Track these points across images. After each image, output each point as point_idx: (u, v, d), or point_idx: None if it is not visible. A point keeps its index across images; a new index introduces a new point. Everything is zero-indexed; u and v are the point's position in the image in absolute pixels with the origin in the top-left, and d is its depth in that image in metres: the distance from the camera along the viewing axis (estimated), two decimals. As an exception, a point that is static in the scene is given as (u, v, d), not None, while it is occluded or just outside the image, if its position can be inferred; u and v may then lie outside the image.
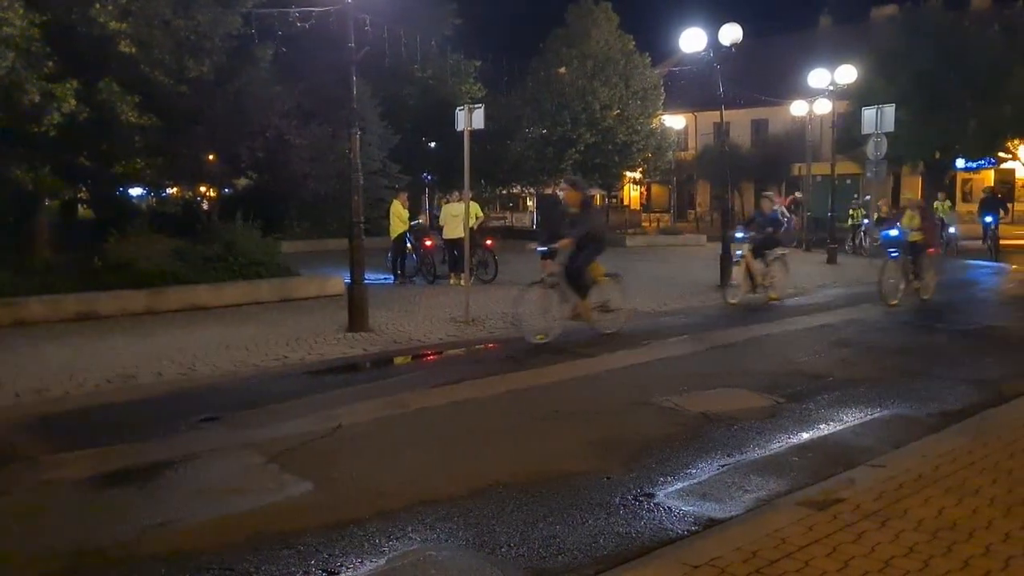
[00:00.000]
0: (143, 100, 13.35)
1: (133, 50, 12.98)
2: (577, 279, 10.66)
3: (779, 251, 14.61)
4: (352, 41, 10.77)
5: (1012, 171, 40.74)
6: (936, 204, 24.30)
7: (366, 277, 11.42)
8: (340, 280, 14.20)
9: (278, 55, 16.92)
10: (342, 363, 9.44)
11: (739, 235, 15.49)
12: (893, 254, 14.13)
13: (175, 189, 26.27)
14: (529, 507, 4.94)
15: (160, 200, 26.22)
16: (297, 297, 14.19)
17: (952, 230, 24.42)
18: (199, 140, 15.72)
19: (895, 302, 13.32)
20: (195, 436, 6.51)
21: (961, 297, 15.24)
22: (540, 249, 11.26)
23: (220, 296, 13.33)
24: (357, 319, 11.13)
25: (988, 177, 42.71)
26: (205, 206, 28.10)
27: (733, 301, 13.83)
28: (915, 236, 13.93)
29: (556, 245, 10.56)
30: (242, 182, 27.19)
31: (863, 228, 25.06)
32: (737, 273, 14.11)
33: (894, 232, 14.72)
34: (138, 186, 23.69)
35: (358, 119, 11.59)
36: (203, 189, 30.84)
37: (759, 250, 14.10)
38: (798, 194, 30.78)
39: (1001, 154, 37.65)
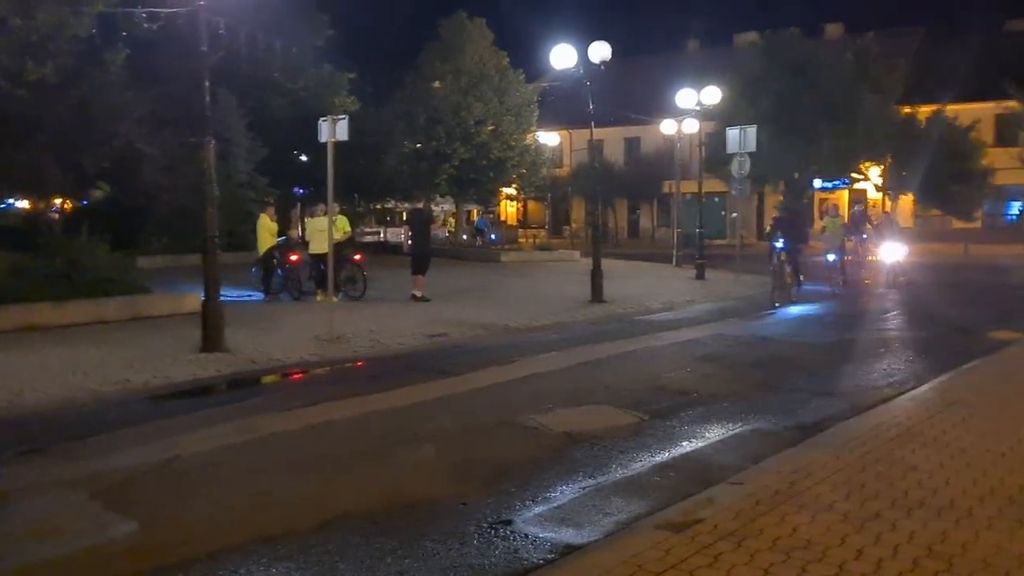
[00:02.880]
0: (-30, 103, 12.34)
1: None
2: None
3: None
4: (204, 45, 10.20)
5: (864, 191, 43.11)
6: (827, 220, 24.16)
7: (232, 294, 10.84)
8: (197, 297, 13.40)
9: (131, 59, 15.99)
10: (191, 386, 8.84)
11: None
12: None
13: (27, 201, 24.55)
14: (378, 540, 4.61)
15: (-1, 212, 24.46)
16: (149, 315, 13.36)
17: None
18: (38, 148, 14.61)
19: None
20: (10, 471, 5.86)
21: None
22: None
23: (62, 315, 12.38)
24: (211, 338, 10.50)
25: (843, 197, 45.08)
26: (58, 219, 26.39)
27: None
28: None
29: None
30: (96, 194, 25.65)
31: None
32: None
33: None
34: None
35: (215, 128, 11.00)
36: (58, 201, 29.01)
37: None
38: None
39: (854, 175, 39.79)
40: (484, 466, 5.94)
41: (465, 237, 37.78)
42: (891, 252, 19.93)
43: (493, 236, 41.66)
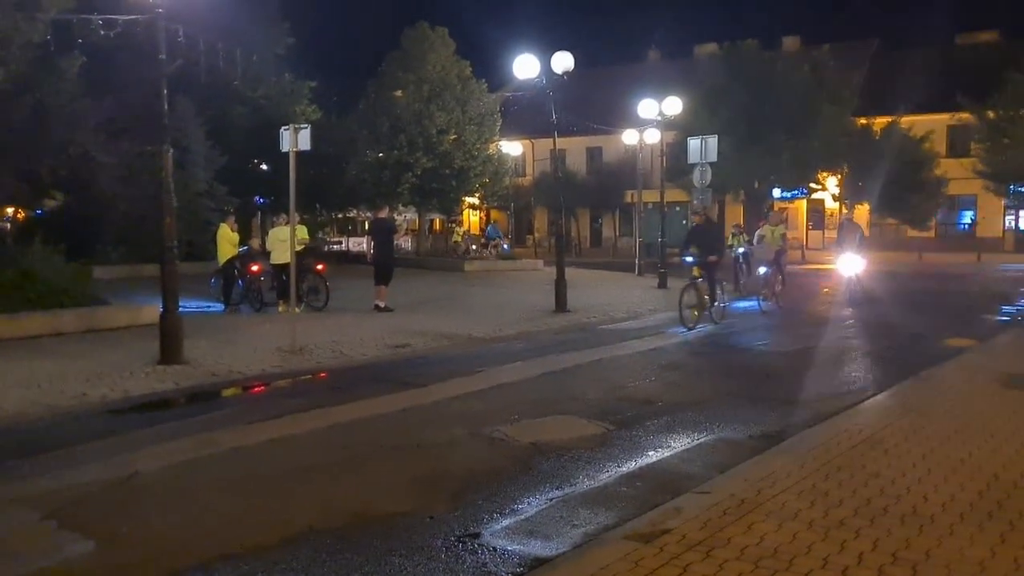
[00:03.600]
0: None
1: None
2: None
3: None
4: (163, 52, 10.05)
5: (822, 201, 43.78)
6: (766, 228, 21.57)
7: (191, 305, 10.67)
8: (155, 308, 13.16)
9: (88, 66, 15.70)
10: (149, 400, 8.67)
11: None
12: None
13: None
14: (344, 555, 4.54)
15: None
16: (106, 328, 13.09)
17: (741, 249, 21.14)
18: (-11, 155, 14.31)
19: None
20: (-39, 490, 5.69)
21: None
22: None
23: (14, 328, 12.08)
24: (170, 350, 10.32)
25: (801, 206, 45.74)
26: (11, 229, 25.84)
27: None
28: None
29: None
30: (51, 203, 25.13)
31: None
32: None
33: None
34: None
35: (174, 136, 10.84)
36: (10, 211, 28.42)
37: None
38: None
39: (812, 185, 40.40)
40: (450, 478, 5.89)
41: (474, 247, 36.77)
42: (850, 264, 17.71)
43: (506, 246, 37.75)
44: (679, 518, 4.77)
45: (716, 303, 14.33)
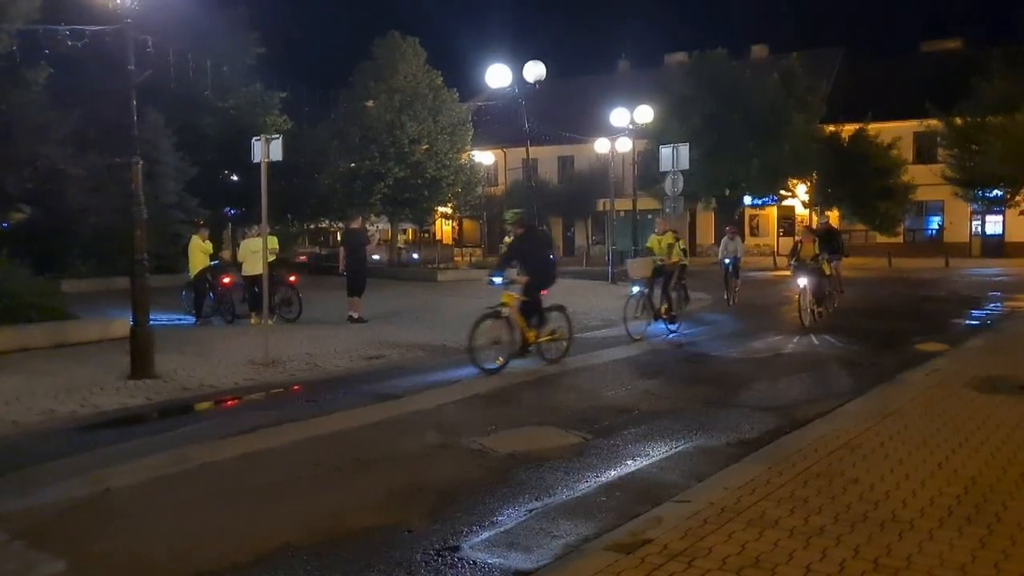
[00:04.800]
0: None
1: None
2: None
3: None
4: (132, 63, 9.92)
5: (792, 207, 44.21)
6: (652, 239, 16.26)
7: (162, 318, 10.50)
8: (125, 322, 12.97)
9: (55, 77, 15.47)
10: (120, 415, 8.51)
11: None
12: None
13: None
14: (321, 572, 4.47)
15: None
16: (75, 342, 12.86)
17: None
18: (-45, 169, 14.04)
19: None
20: (-75, 512, 5.53)
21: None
22: None
23: (-20, 343, 11.84)
24: (141, 365, 10.16)
25: (772, 213, 46.17)
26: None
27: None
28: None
29: None
30: (18, 216, 24.72)
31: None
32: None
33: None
34: None
35: (143, 147, 10.70)
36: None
37: None
38: None
39: (782, 191, 40.79)
40: (428, 491, 5.83)
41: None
42: (805, 275, 14.86)
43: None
44: (659, 528, 4.74)
45: (519, 343, 10.81)
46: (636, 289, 14.06)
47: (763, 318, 16.84)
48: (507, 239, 17.19)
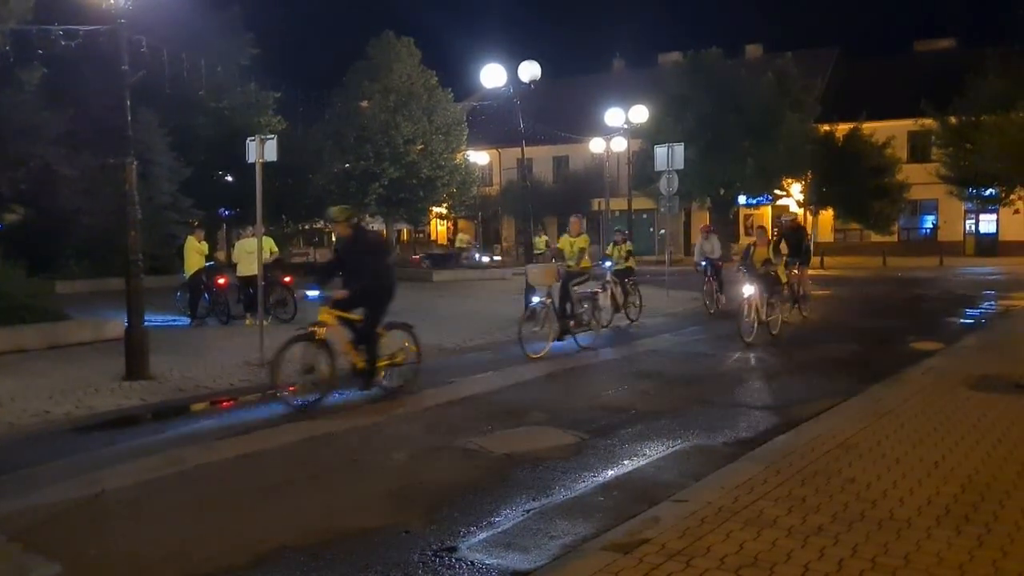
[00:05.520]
0: None
1: None
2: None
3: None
4: (125, 63, 9.88)
5: (787, 207, 44.27)
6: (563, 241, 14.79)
7: (157, 319, 10.45)
8: (120, 323, 12.94)
9: (48, 78, 15.40)
10: (115, 417, 8.47)
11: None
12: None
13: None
14: (318, 573, 4.45)
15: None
16: (69, 343, 12.82)
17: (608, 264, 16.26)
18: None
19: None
20: (-81, 514, 5.50)
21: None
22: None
23: (-26, 345, 11.80)
24: (135, 366, 10.12)
25: (766, 213, 46.23)
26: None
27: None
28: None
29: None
30: (11, 217, 24.65)
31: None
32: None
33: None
34: None
35: (137, 148, 10.66)
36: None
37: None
38: None
39: (777, 191, 40.83)
40: (425, 492, 5.82)
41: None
42: (750, 283, 12.91)
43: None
44: (657, 527, 4.73)
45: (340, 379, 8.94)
46: (536, 299, 12.34)
47: (724, 336, 13.70)
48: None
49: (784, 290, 14.04)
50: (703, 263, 17.72)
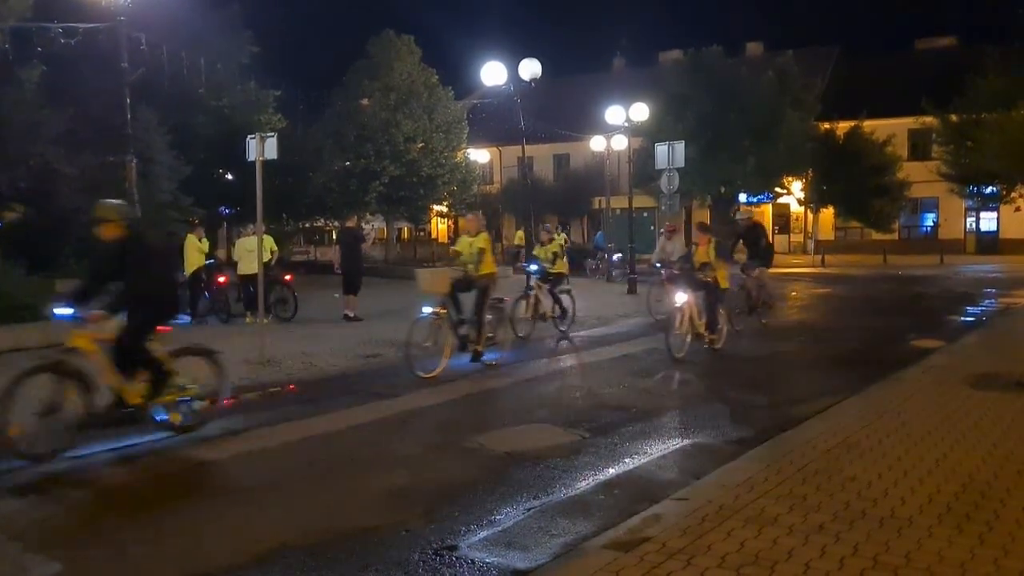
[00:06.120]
0: None
1: None
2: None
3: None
4: (125, 61, 9.88)
5: (787, 205, 44.25)
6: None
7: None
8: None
9: (47, 77, 15.36)
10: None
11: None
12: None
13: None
14: (318, 572, 4.45)
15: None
16: (69, 342, 12.79)
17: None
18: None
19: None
20: (-81, 513, 5.49)
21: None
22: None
23: (-26, 344, 11.78)
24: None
25: (767, 211, 46.20)
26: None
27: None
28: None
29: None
30: (10, 216, 24.61)
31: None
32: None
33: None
34: None
35: (136, 146, 10.66)
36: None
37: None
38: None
39: (777, 189, 40.80)
40: (425, 490, 5.81)
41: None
42: (681, 290, 11.43)
43: (615, 256, 28.77)
44: (658, 526, 4.72)
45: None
46: (427, 309, 10.41)
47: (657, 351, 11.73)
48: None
49: (720, 298, 11.80)
50: (658, 265, 14.58)
